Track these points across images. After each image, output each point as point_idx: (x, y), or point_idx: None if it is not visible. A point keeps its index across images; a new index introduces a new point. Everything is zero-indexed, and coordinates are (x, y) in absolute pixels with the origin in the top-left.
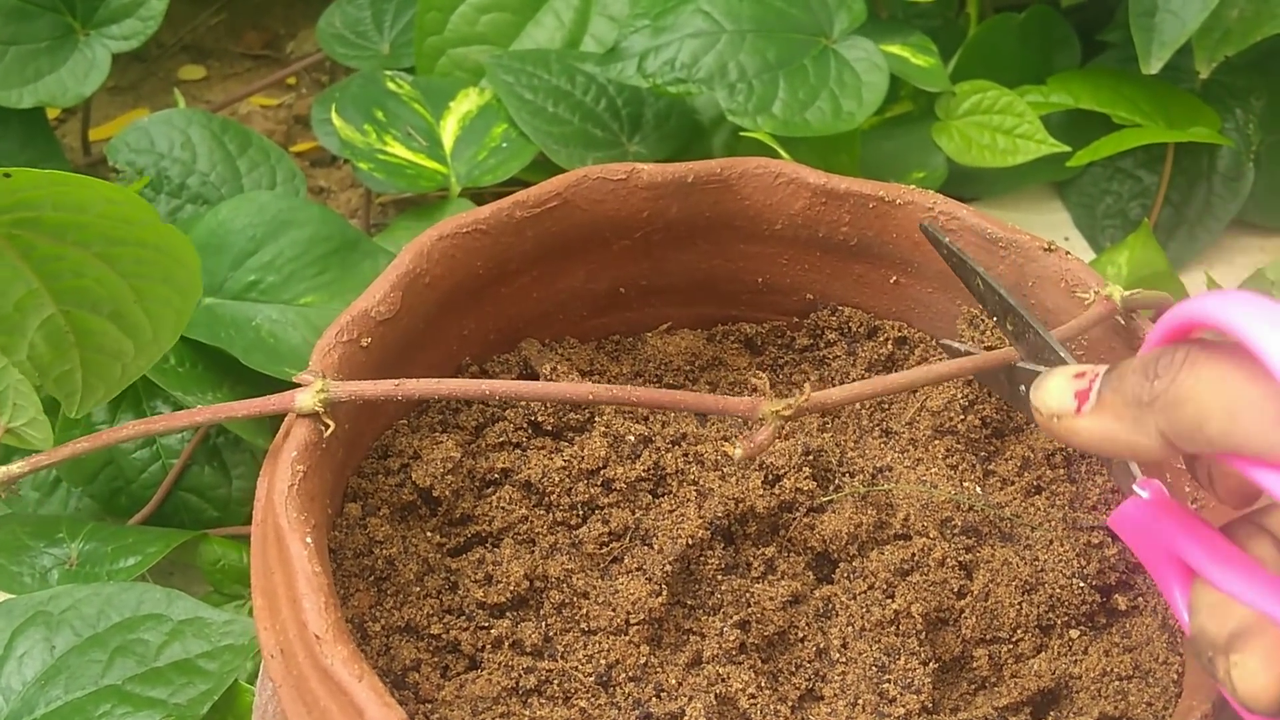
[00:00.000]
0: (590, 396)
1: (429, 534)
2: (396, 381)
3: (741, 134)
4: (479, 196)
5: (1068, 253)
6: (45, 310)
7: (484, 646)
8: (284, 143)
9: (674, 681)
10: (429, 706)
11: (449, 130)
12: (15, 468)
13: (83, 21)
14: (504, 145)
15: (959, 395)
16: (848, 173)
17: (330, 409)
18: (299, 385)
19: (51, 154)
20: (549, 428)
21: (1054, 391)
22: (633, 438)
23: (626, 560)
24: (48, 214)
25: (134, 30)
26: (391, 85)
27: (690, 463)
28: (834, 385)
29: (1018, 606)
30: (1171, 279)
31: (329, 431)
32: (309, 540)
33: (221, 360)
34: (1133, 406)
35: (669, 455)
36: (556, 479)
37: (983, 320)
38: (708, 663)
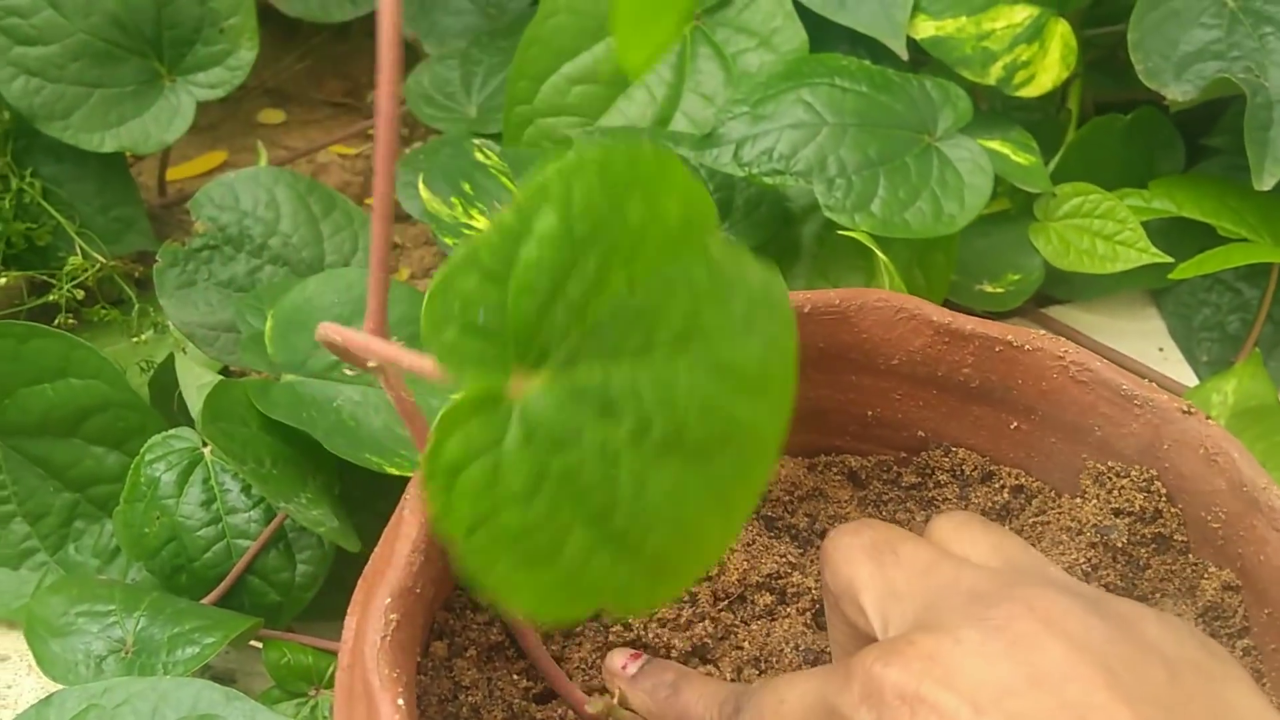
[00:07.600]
0: None
1: (515, 677)
2: None
3: (838, 232)
4: None
5: (1208, 417)
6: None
7: None
8: (360, 194)
9: None
10: None
11: None
12: None
13: (170, 67)
14: None
15: (1080, 559)
16: (943, 273)
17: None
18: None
19: (128, 198)
20: None
21: (613, 653)
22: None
23: None
24: None
25: (221, 79)
26: (480, 156)
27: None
28: None
29: None
30: (1277, 414)
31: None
32: (400, 702)
33: (301, 448)
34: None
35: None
36: (656, 627)
37: (1109, 478)
38: None
